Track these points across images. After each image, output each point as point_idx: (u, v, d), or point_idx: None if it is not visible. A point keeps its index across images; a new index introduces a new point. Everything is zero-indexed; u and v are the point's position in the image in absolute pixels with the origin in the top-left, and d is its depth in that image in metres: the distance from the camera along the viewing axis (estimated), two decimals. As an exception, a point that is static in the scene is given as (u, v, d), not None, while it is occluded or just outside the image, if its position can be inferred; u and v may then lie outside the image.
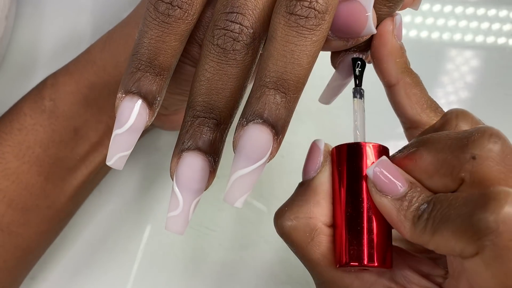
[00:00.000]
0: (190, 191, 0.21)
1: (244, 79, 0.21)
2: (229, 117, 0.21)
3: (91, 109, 0.29)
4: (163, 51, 0.21)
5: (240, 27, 0.20)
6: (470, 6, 0.39)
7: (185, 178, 0.21)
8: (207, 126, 0.21)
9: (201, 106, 0.21)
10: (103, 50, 0.29)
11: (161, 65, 0.21)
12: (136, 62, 0.21)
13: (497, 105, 0.37)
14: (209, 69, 0.20)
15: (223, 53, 0.20)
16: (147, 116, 0.21)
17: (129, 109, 0.21)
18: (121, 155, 0.21)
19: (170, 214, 0.21)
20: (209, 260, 0.34)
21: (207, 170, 0.21)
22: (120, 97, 0.21)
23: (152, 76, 0.21)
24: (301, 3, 0.19)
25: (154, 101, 0.21)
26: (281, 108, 0.20)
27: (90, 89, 0.28)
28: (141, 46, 0.21)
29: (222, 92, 0.21)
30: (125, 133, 0.21)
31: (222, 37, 0.20)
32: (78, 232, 0.34)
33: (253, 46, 0.20)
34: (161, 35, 0.21)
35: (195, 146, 0.21)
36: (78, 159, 0.29)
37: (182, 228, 0.21)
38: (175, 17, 0.21)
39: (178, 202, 0.21)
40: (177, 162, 0.21)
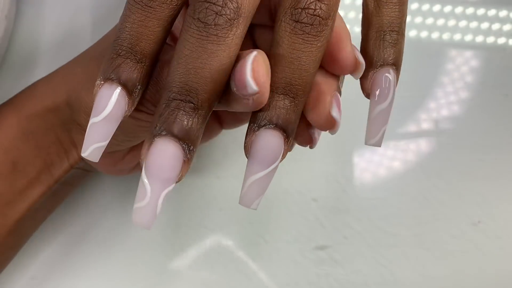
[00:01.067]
0: (159, 180, 0.19)
1: (227, 58, 0.19)
2: (207, 101, 0.19)
3: (29, 144, 0.28)
4: (145, 36, 0.20)
5: (224, 1, 0.19)
6: (470, 6, 0.39)
7: (154, 166, 0.19)
8: (182, 110, 0.19)
9: (177, 87, 0.19)
10: (46, 84, 0.28)
11: (142, 51, 0.20)
12: (117, 47, 0.20)
13: (497, 105, 0.37)
14: (188, 45, 0.19)
15: (203, 28, 0.19)
16: (126, 105, 0.20)
17: (107, 97, 0.20)
18: (97, 146, 0.20)
19: (136, 205, 0.19)
20: (208, 260, 0.34)
21: (180, 159, 0.19)
22: (98, 84, 0.20)
23: (133, 62, 0.20)
24: (306, 11, 0.20)
25: (134, 89, 0.20)
26: (291, 112, 0.20)
27: (29, 122, 0.28)
28: (123, 31, 0.20)
29: (201, 71, 0.19)
30: (101, 121, 0.20)
31: (204, 10, 0.19)
32: (78, 232, 0.34)
33: (237, 23, 0.19)
34: (144, 20, 0.20)
35: (167, 132, 0.19)
36: (16, 193, 0.28)
37: (148, 221, 0.19)
38: (158, 1, 0.20)
39: (145, 192, 0.19)
40: (148, 148, 0.19)
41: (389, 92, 0.22)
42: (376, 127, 0.22)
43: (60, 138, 0.28)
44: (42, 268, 0.33)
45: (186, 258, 0.34)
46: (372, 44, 0.22)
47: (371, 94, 0.22)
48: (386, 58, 0.22)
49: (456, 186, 0.35)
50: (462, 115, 0.37)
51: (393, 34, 0.22)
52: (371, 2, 0.22)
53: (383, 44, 0.22)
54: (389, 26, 0.22)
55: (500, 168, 0.36)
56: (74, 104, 0.26)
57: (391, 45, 0.22)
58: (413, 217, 0.35)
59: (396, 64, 0.22)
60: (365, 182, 0.35)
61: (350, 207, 0.35)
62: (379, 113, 0.22)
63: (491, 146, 0.36)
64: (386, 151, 0.36)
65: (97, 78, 0.20)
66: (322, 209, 0.35)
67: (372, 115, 0.22)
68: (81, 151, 0.27)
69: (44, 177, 0.29)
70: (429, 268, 0.34)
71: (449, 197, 0.35)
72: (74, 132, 0.28)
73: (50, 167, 0.29)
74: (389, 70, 0.22)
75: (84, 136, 0.25)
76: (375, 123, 0.22)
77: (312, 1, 0.20)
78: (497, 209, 0.35)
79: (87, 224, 0.34)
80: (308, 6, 0.20)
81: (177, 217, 0.34)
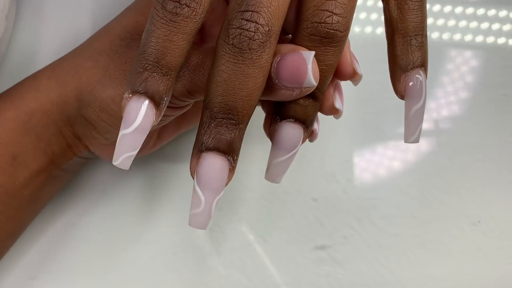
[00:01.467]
0: (211, 190, 0.22)
1: (262, 77, 0.21)
2: (247, 116, 0.22)
3: (29, 136, 0.28)
4: (171, 50, 0.21)
5: (256, 25, 0.20)
6: (470, 6, 0.39)
7: (205, 178, 0.21)
8: (225, 127, 0.21)
9: (218, 107, 0.21)
10: (51, 77, 0.28)
11: (168, 64, 0.21)
12: (143, 62, 0.21)
13: (497, 105, 0.37)
14: (225, 69, 0.21)
15: (239, 53, 0.21)
16: (154, 116, 0.21)
17: (136, 110, 0.21)
18: (127, 155, 0.21)
19: (192, 211, 0.22)
20: (208, 260, 0.34)
21: (226, 169, 0.22)
22: (126, 97, 0.21)
23: (159, 76, 0.21)
24: (323, 25, 0.22)
25: (161, 101, 0.21)
26: (310, 107, 0.23)
27: (30, 116, 0.28)
28: (148, 46, 0.21)
29: (240, 92, 0.21)
30: (131, 133, 0.21)
31: (238, 36, 0.20)
32: (79, 232, 0.34)
33: (269, 43, 0.21)
34: (169, 34, 0.21)
35: (214, 147, 0.21)
36: (17, 184, 0.28)
37: (205, 224, 0.22)
38: (183, 16, 0.21)
39: (200, 201, 0.21)
40: (197, 163, 0.22)
41: (422, 92, 0.23)
42: (414, 126, 0.24)
43: (62, 131, 0.28)
44: (42, 268, 0.33)
45: (186, 258, 0.34)
46: (400, 49, 0.24)
47: (406, 96, 0.24)
48: (415, 61, 0.23)
49: (456, 186, 0.35)
50: (462, 115, 0.37)
51: (418, 38, 0.23)
52: (394, 10, 0.23)
53: (410, 48, 0.23)
54: (413, 31, 0.23)
55: (500, 168, 0.36)
56: (85, 99, 0.27)
57: (418, 48, 0.23)
58: (413, 217, 0.35)
59: (424, 64, 0.24)
60: (365, 182, 0.35)
61: (350, 207, 0.35)
62: (415, 112, 0.24)
63: (491, 146, 0.36)
64: (386, 151, 0.36)
65: (125, 91, 0.21)
66: (322, 209, 0.35)
67: (409, 115, 0.24)
68: (87, 142, 0.29)
69: (46, 166, 0.29)
70: (429, 268, 0.34)
71: (449, 197, 0.35)
72: (79, 126, 0.28)
73: (52, 157, 0.29)
74: (419, 71, 0.23)
75: (89, 130, 0.27)
76: (412, 122, 0.24)
77: (328, 16, 0.22)
78: (497, 209, 0.35)
79: (88, 225, 0.34)
80: (325, 21, 0.22)
81: (177, 217, 0.34)
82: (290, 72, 0.22)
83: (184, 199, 0.35)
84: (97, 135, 0.28)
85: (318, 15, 0.22)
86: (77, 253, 0.34)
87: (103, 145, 0.29)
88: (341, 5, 0.22)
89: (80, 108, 0.27)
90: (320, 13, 0.22)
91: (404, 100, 0.24)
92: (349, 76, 0.24)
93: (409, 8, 0.23)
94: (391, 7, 0.23)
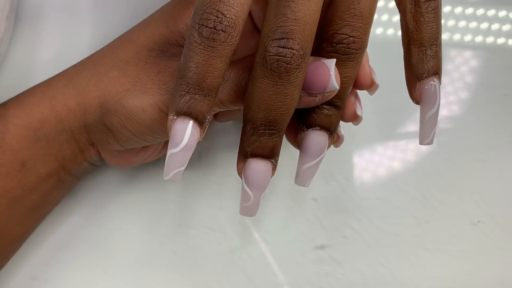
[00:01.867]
0: (258, 188, 0.24)
1: (298, 92, 0.23)
2: (285, 125, 0.24)
3: (40, 143, 0.28)
4: (210, 73, 0.22)
5: (292, 51, 0.22)
6: (469, 7, 0.39)
7: (253, 179, 0.24)
8: (267, 136, 0.23)
9: (260, 122, 0.23)
10: (68, 85, 0.28)
11: (208, 86, 0.22)
12: (184, 86, 0.22)
13: (496, 105, 0.37)
14: (265, 89, 0.23)
15: (277, 76, 0.22)
16: (199, 134, 0.23)
17: (182, 130, 0.23)
18: (177, 171, 0.23)
19: (243, 204, 0.25)
20: (209, 260, 0.34)
21: (269, 170, 0.24)
22: (171, 118, 0.23)
23: (201, 97, 0.22)
24: (341, 45, 0.24)
25: (204, 120, 0.23)
26: (333, 116, 0.25)
27: (42, 123, 0.28)
28: (188, 70, 0.22)
29: (280, 108, 0.23)
30: (179, 152, 0.23)
31: (275, 63, 0.22)
32: (79, 232, 0.34)
33: (304, 63, 0.22)
34: (207, 59, 0.22)
35: (258, 154, 0.24)
36: (26, 189, 0.29)
37: (254, 213, 0.25)
38: (219, 41, 0.22)
39: (249, 197, 0.24)
40: (243, 166, 0.24)
41: (436, 99, 0.25)
42: (429, 130, 0.25)
43: (76, 137, 0.28)
44: (42, 268, 0.33)
45: (186, 258, 0.34)
46: (416, 59, 0.25)
47: (421, 101, 0.25)
48: (429, 69, 0.25)
49: (456, 186, 0.35)
50: (462, 115, 0.37)
51: (433, 48, 0.25)
52: (411, 22, 0.25)
53: (425, 58, 0.25)
54: (429, 41, 0.25)
55: (500, 168, 0.36)
56: (110, 107, 0.27)
57: (433, 58, 0.25)
58: (413, 217, 0.35)
59: (438, 72, 0.25)
60: (365, 182, 0.35)
61: (350, 207, 0.35)
62: (430, 117, 0.25)
63: (491, 146, 0.36)
64: (386, 151, 0.36)
65: (169, 113, 0.23)
66: (322, 209, 0.35)
67: (424, 120, 0.25)
68: (100, 148, 0.29)
69: (56, 172, 0.29)
70: (429, 268, 0.34)
71: (449, 197, 0.35)
72: (96, 133, 0.28)
73: (62, 162, 0.29)
74: (433, 79, 0.25)
75: (107, 137, 0.28)
76: (427, 126, 0.25)
77: (345, 38, 0.23)
78: (497, 209, 0.35)
79: (88, 224, 0.34)
80: (342, 42, 0.23)
81: (177, 217, 0.34)
82: (314, 79, 0.23)
83: (184, 199, 0.35)
84: (113, 142, 0.28)
85: (337, 37, 0.24)
86: (77, 253, 0.34)
87: (115, 151, 0.30)
88: (358, 29, 0.23)
89: (103, 116, 0.27)
90: (338, 36, 0.23)
91: (419, 105, 0.25)
92: (368, 86, 0.26)
93: (424, 20, 0.24)
94: (407, 19, 0.25)
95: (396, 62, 0.28)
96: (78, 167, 0.30)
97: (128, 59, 0.27)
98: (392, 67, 0.30)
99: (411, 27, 0.25)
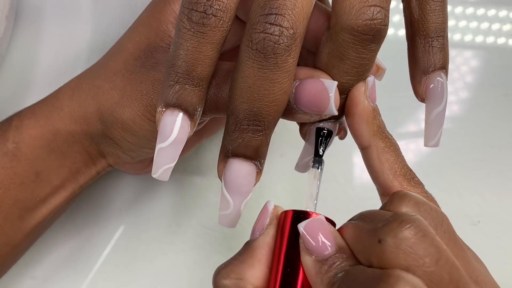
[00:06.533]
0: (239, 194, 0.22)
1: (288, 81, 0.20)
2: (273, 121, 0.21)
3: (54, 154, 0.28)
4: (200, 61, 0.21)
5: (280, 29, 0.20)
6: (470, 6, 0.39)
7: (233, 183, 0.22)
8: (251, 133, 0.21)
9: (244, 114, 0.21)
10: (72, 98, 0.28)
11: (199, 76, 0.21)
12: (173, 75, 0.21)
13: (496, 105, 0.37)
14: (250, 75, 0.20)
15: (263, 58, 0.20)
16: (189, 128, 0.21)
17: (171, 123, 0.21)
18: (166, 167, 0.22)
19: (221, 212, 0.22)
20: (209, 260, 0.34)
21: (253, 173, 0.22)
22: (160, 111, 0.21)
23: (191, 87, 0.21)
24: None
25: (195, 113, 0.21)
26: (343, 105, 0.22)
27: (54, 135, 0.28)
28: (178, 58, 0.21)
29: (265, 98, 0.20)
30: (168, 146, 0.21)
31: (262, 41, 0.20)
32: (79, 232, 0.34)
33: (295, 47, 0.20)
34: (197, 46, 0.20)
35: (240, 153, 0.21)
36: (38, 200, 0.28)
37: (233, 223, 0.22)
38: (210, 26, 0.20)
39: (228, 204, 0.22)
40: (224, 166, 0.22)
41: (443, 95, 0.23)
42: (435, 130, 0.23)
43: (88, 149, 0.28)
44: (42, 268, 0.33)
45: (186, 258, 0.34)
46: (421, 51, 0.23)
47: (427, 98, 0.23)
48: (436, 63, 0.23)
49: (456, 186, 0.35)
50: (462, 115, 0.37)
51: (440, 39, 0.23)
52: (416, 10, 0.23)
53: (432, 50, 0.23)
54: (435, 32, 0.23)
55: (500, 168, 0.36)
56: (107, 120, 0.26)
57: (439, 50, 0.23)
58: (413, 217, 0.35)
59: (445, 67, 0.23)
60: (365, 182, 0.35)
61: (350, 207, 0.35)
62: (436, 116, 0.23)
63: (491, 146, 0.36)
64: (386, 151, 0.36)
65: (158, 105, 0.21)
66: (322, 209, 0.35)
67: (429, 118, 0.23)
68: (111, 161, 0.29)
69: (69, 184, 0.29)
70: (429, 268, 0.34)
71: (449, 197, 0.35)
72: (105, 145, 0.28)
73: (75, 175, 0.29)
74: (440, 74, 0.23)
75: (115, 149, 0.27)
76: (433, 125, 0.23)
77: (378, 11, 0.20)
78: (497, 209, 0.35)
79: (88, 224, 0.34)
80: (376, 17, 0.20)
81: (177, 217, 0.34)
82: (310, 99, 0.21)
83: (184, 199, 0.35)
84: (122, 155, 0.28)
85: (367, 12, 0.20)
86: (77, 253, 0.34)
87: (127, 164, 0.29)
88: None
89: (105, 129, 0.27)
90: (369, 9, 0.20)
91: (424, 103, 0.24)
92: (374, 72, 0.24)
93: (431, 8, 0.23)
94: (412, 8, 0.23)
95: (396, 62, 0.28)
96: (90, 181, 0.30)
97: (117, 70, 0.27)
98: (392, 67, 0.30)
99: (417, 16, 0.23)
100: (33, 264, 0.33)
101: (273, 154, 0.35)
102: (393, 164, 0.22)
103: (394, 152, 0.22)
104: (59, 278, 0.33)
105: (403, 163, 0.23)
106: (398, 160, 0.22)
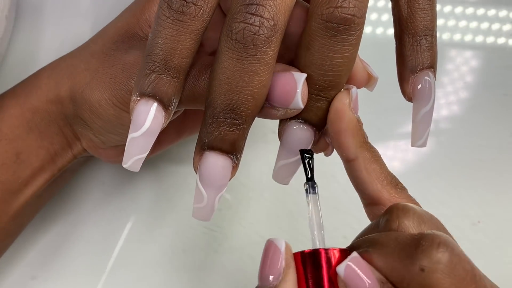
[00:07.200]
0: (214, 188, 0.21)
1: (267, 74, 0.20)
2: (251, 116, 0.21)
3: (33, 133, 0.28)
4: (178, 51, 0.20)
5: (261, 19, 0.19)
6: (470, 6, 0.39)
7: (208, 176, 0.21)
8: (227, 127, 0.20)
9: (221, 107, 0.20)
10: (50, 76, 0.28)
11: (176, 66, 0.20)
12: (150, 64, 0.20)
13: (496, 105, 0.37)
14: (228, 66, 0.20)
15: (243, 49, 0.20)
16: (163, 119, 0.21)
17: (145, 113, 0.21)
18: (137, 158, 0.21)
19: (195, 205, 0.22)
20: (209, 260, 0.34)
21: (229, 168, 0.21)
22: (134, 99, 0.21)
23: (167, 78, 0.20)
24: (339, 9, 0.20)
25: (170, 104, 0.21)
26: (322, 109, 0.22)
27: (33, 113, 0.28)
28: (155, 47, 0.20)
29: (243, 90, 0.20)
30: (141, 136, 0.21)
31: (241, 31, 0.19)
32: (79, 232, 0.34)
33: (275, 39, 0.20)
34: (176, 34, 0.20)
35: (216, 147, 0.21)
36: (20, 182, 0.28)
37: (207, 217, 0.22)
38: (190, 15, 0.20)
39: (202, 197, 0.21)
40: (200, 159, 0.21)
41: (431, 95, 0.23)
42: (422, 129, 0.23)
43: (63, 130, 0.28)
44: (42, 268, 0.33)
45: (186, 258, 0.34)
46: (409, 49, 0.23)
47: (414, 98, 0.23)
48: (424, 62, 0.23)
49: (456, 186, 0.35)
50: (462, 115, 0.37)
51: (428, 38, 0.23)
52: (404, 9, 0.23)
53: (420, 49, 0.23)
54: (423, 31, 0.23)
55: (500, 168, 0.36)
56: (77, 101, 0.26)
57: (428, 49, 0.23)
58: (413, 217, 0.35)
59: (433, 66, 0.23)
60: (365, 182, 0.35)
61: (350, 207, 0.35)
62: (424, 115, 0.23)
63: (491, 146, 0.36)
64: (386, 151, 0.36)
65: (132, 93, 0.21)
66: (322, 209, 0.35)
67: (416, 118, 0.23)
68: (84, 144, 0.29)
69: (48, 166, 0.29)
70: (429, 268, 0.34)
71: (449, 197, 0.35)
72: (77, 126, 0.28)
73: (54, 157, 0.29)
74: (428, 73, 0.23)
75: (86, 130, 0.27)
76: (420, 125, 0.23)
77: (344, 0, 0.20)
78: (497, 209, 0.35)
79: (88, 225, 0.34)
80: (341, 5, 0.20)
81: (177, 217, 0.34)
82: (278, 92, 0.21)
83: (184, 199, 0.35)
84: (94, 138, 0.28)
85: (335, 0, 0.20)
86: (77, 253, 0.34)
87: (100, 149, 0.29)
88: None
89: (76, 108, 0.27)
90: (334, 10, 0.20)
91: (411, 103, 0.23)
92: (365, 81, 0.24)
93: (419, 7, 0.22)
94: (401, 6, 0.23)
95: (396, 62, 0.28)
96: (68, 164, 0.30)
97: (95, 51, 0.27)
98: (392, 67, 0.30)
99: (405, 14, 0.23)
100: (33, 264, 0.33)
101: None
102: (379, 174, 0.22)
103: (378, 161, 0.22)
104: (59, 278, 0.33)
105: (387, 170, 0.22)
106: (383, 168, 0.22)
